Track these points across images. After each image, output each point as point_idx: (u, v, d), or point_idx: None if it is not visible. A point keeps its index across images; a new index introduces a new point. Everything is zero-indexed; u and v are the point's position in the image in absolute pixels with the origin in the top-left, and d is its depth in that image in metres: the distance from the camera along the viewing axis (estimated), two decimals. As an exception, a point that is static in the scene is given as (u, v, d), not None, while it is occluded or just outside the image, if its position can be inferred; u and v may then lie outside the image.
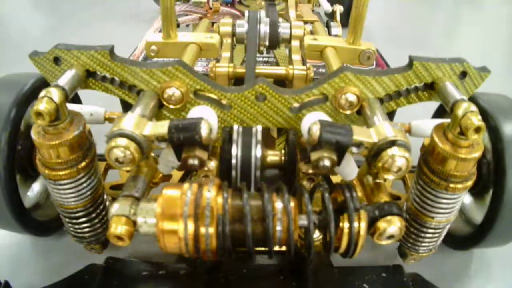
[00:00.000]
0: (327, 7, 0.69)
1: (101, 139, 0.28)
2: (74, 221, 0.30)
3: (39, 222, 0.35)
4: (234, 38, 0.45)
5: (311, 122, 0.25)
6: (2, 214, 0.31)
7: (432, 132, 0.27)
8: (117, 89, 0.31)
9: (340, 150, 0.25)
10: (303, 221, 0.24)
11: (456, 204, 0.28)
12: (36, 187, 0.37)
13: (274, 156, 0.34)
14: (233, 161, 0.32)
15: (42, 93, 0.25)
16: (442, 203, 0.28)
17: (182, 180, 0.40)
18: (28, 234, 0.34)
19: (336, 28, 0.60)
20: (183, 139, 0.24)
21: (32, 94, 0.32)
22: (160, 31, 0.41)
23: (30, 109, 0.32)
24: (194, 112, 0.29)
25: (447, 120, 0.27)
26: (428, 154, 0.27)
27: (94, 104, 0.34)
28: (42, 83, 0.32)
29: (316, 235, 0.28)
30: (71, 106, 0.27)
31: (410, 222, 0.30)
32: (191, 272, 0.30)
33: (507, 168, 0.30)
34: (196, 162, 0.25)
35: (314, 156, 0.25)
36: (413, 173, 0.30)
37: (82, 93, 0.37)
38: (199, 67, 0.49)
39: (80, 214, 0.29)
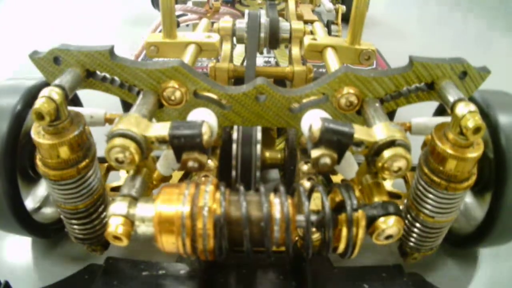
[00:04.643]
0: (329, 6, 0.69)
1: (101, 140, 0.28)
2: (74, 221, 0.30)
3: (41, 225, 0.35)
4: (234, 38, 0.45)
5: (312, 119, 0.25)
6: (4, 217, 0.31)
7: (432, 132, 0.27)
8: (117, 89, 0.31)
9: (341, 148, 0.25)
10: (301, 221, 0.24)
11: (457, 203, 0.28)
12: (37, 190, 0.37)
13: (274, 156, 0.34)
14: (233, 161, 0.32)
15: (42, 93, 0.25)
16: (442, 203, 0.28)
17: (182, 180, 0.41)
18: (30, 236, 0.35)
19: (336, 26, 0.60)
20: (184, 142, 0.24)
21: (33, 96, 0.32)
22: (160, 31, 0.41)
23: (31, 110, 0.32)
24: (194, 114, 0.29)
25: (448, 118, 0.27)
26: (428, 154, 0.27)
27: (95, 104, 0.35)
28: (43, 84, 0.32)
29: (316, 235, 0.28)
30: (71, 109, 0.27)
31: (410, 221, 0.30)
32: (190, 272, 0.30)
33: (508, 167, 0.30)
34: (196, 164, 0.25)
35: (314, 153, 0.24)
36: (414, 171, 0.30)
37: (82, 93, 0.37)
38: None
39: (80, 214, 0.29)
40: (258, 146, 0.32)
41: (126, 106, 0.42)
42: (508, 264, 0.38)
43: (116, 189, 0.40)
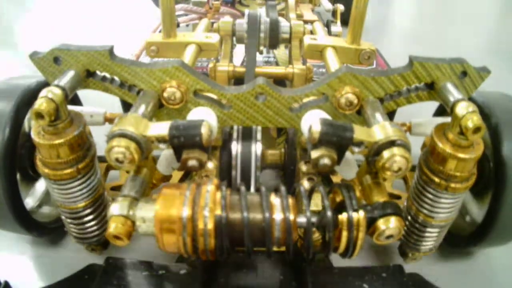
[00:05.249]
0: (328, 5, 0.69)
1: (101, 139, 0.28)
2: (74, 221, 0.30)
3: (40, 223, 0.35)
4: (234, 38, 0.45)
5: (312, 120, 0.25)
6: (3, 215, 0.31)
7: (432, 132, 0.27)
8: (117, 89, 0.31)
9: (341, 148, 0.25)
10: (302, 221, 0.24)
11: (457, 204, 0.28)
12: (37, 188, 0.37)
13: (274, 156, 0.34)
14: (233, 161, 0.32)
15: (42, 93, 0.25)
16: (442, 203, 0.28)
17: (182, 180, 0.41)
18: (29, 235, 0.35)
19: (336, 28, 0.60)
20: (184, 141, 0.24)
21: (33, 95, 0.32)
22: (160, 31, 0.41)
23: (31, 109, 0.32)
24: (194, 114, 0.29)
25: (448, 118, 0.27)
26: (428, 154, 0.27)
27: (95, 103, 0.35)
28: (43, 85, 0.32)
29: (316, 235, 0.28)
30: (71, 108, 0.27)
31: (410, 221, 0.30)
32: (191, 272, 0.30)
33: (508, 167, 0.30)
34: (196, 163, 0.25)
35: (314, 154, 0.24)
36: (413, 172, 0.30)
37: (82, 93, 0.37)
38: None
39: (80, 214, 0.29)
40: (258, 146, 0.32)
41: (126, 106, 0.42)
42: (508, 264, 0.38)
43: (116, 188, 0.40)
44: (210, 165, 0.31)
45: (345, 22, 0.47)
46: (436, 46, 0.87)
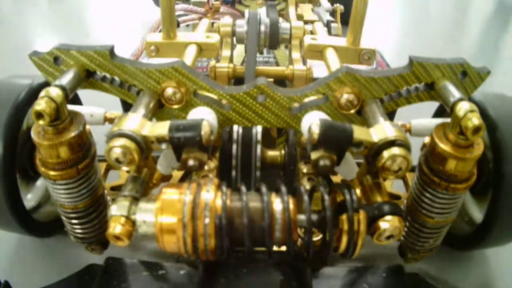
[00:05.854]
0: (328, 5, 0.69)
1: (101, 139, 0.28)
2: (74, 221, 0.30)
3: (40, 223, 0.35)
4: (234, 38, 0.45)
5: (312, 121, 0.25)
6: (3, 215, 0.31)
7: (432, 132, 0.27)
8: (117, 89, 0.31)
9: (340, 149, 0.25)
10: (302, 221, 0.24)
11: (456, 204, 0.28)
12: (37, 188, 0.37)
13: (274, 156, 0.34)
14: (233, 161, 0.32)
15: (42, 93, 0.25)
16: (442, 203, 0.28)
17: (182, 180, 0.41)
18: (29, 235, 0.35)
19: (336, 28, 0.60)
20: (184, 140, 0.24)
21: (33, 95, 0.32)
22: (160, 31, 0.41)
23: (31, 109, 0.32)
24: (194, 113, 0.29)
25: (448, 119, 0.27)
26: (428, 154, 0.27)
27: (95, 103, 0.35)
28: (43, 84, 0.32)
29: (316, 234, 0.28)
30: (71, 107, 0.27)
31: (410, 221, 0.30)
32: (191, 272, 0.30)
33: (507, 168, 0.30)
34: (196, 163, 0.25)
35: (314, 155, 0.25)
36: (413, 172, 0.30)
37: (82, 92, 0.37)
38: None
39: (80, 214, 0.29)
40: (258, 146, 0.32)
41: (126, 106, 0.42)
42: (508, 264, 0.39)
43: (115, 188, 0.40)
44: (210, 165, 0.31)
45: (345, 22, 0.47)
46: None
